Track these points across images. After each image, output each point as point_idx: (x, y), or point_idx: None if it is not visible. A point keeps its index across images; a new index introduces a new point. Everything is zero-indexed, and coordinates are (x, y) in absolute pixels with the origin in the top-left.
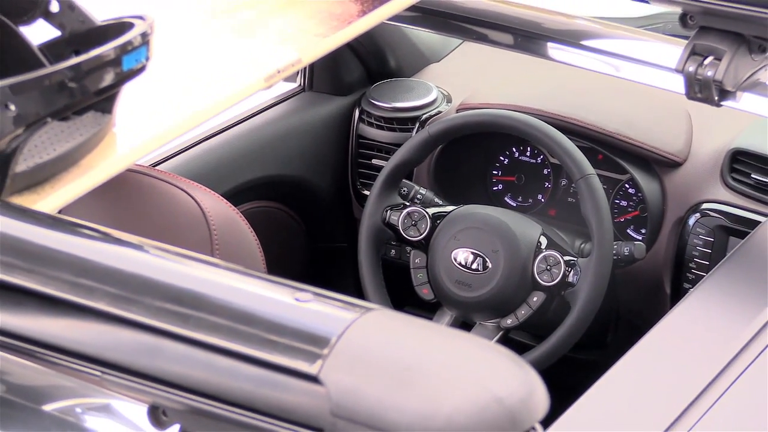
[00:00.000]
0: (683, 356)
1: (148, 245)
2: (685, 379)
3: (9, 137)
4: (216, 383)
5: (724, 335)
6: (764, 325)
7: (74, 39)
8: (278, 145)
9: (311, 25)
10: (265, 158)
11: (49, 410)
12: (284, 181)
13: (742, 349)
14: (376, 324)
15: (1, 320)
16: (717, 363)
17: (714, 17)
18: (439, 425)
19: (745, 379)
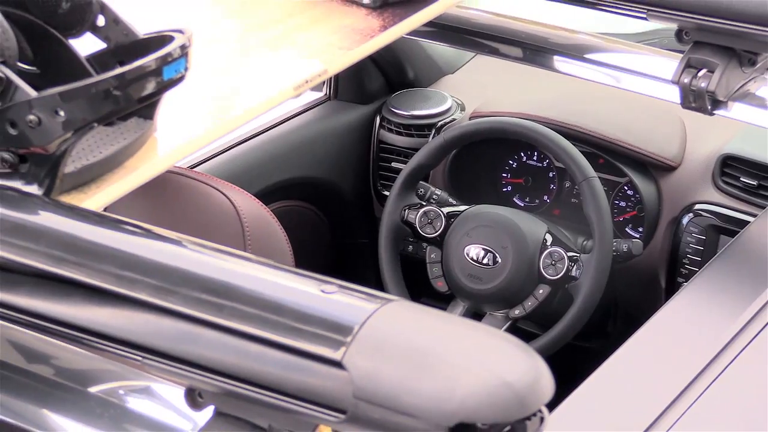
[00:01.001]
0: (678, 345)
1: (185, 240)
2: (680, 366)
3: (59, 140)
4: (247, 368)
5: (715, 326)
6: (753, 317)
7: (119, 51)
8: (306, 149)
9: (336, 39)
10: (293, 161)
11: (95, 392)
12: (311, 182)
13: (732, 338)
14: (395, 314)
15: (50, 309)
16: (709, 351)
17: (707, 33)
18: (453, 408)
19: (735, 366)
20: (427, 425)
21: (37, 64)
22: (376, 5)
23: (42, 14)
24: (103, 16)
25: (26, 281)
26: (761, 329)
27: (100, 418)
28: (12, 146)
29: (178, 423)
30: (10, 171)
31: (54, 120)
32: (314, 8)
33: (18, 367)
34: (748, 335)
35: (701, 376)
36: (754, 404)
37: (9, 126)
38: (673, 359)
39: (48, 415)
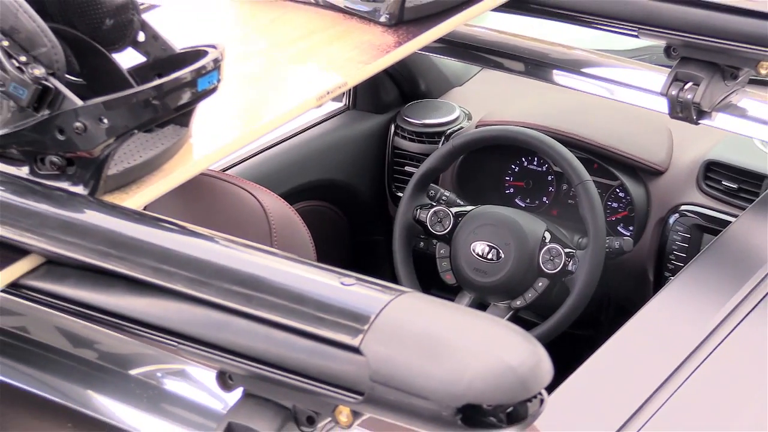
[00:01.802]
0: (665, 334)
1: (217, 237)
2: (667, 353)
3: (102, 145)
4: (273, 353)
5: (699, 317)
6: (734, 309)
7: (157, 64)
8: (327, 154)
9: (355, 54)
10: (315, 165)
11: (134, 374)
12: (331, 184)
13: (715, 328)
14: (408, 304)
15: (94, 299)
16: (694, 340)
17: (693, 49)
18: (462, 390)
19: (718, 352)
20: (437, 406)
21: (83, 76)
22: (391, 23)
23: (88, 30)
24: (143, 32)
25: (73, 274)
26: (741, 320)
27: (140, 398)
28: (60, 151)
29: (210, 403)
30: (59, 173)
31: (98, 127)
32: (335, 26)
33: (65, 352)
34: (730, 325)
35: (687, 362)
36: (735, 386)
37: (57, 132)
38: (661, 347)
39: (92, 395)
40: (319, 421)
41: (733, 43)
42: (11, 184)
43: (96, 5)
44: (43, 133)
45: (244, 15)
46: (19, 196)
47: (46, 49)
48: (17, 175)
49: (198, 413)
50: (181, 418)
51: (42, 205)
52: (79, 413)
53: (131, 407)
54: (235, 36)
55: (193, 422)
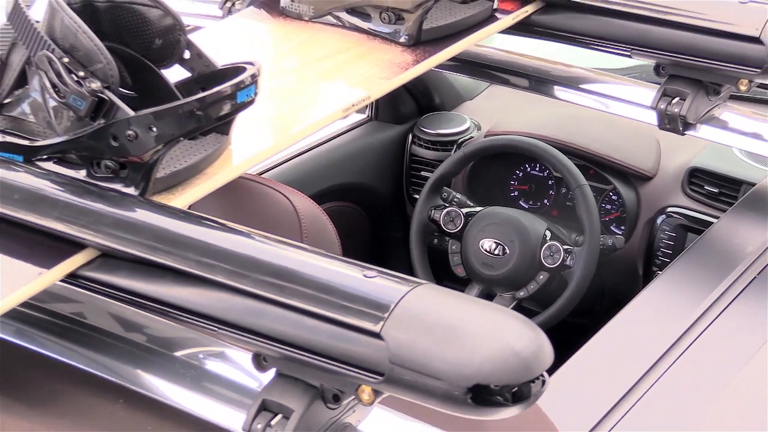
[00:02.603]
0: (653, 323)
1: (253, 233)
2: (655, 340)
3: (151, 151)
4: (303, 337)
5: (684, 308)
6: (715, 301)
7: (201, 79)
8: (351, 160)
9: (377, 71)
10: (341, 169)
11: (178, 355)
12: (355, 187)
13: (699, 317)
14: (424, 295)
15: (143, 289)
16: (679, 328)
17: (680, 68)
18: (472, 372)
19: (702, 339)
20: (450, 386)
21: (135, 89)
22: (410, 44)
23: (139, 49)
24: (188, 51)
25: (125, 266)
26: (722, 311)
27: (183, 377)
28: (114, 156)
29: (246, 382)
30: (112, 176)
31: (148, 135)
32: (359, 46)
33: (117, 335)
34: (711, 315)
35: (673, 348)
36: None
37: (112, 139)
38: (649, 334)
39: (141, 374)
40: (344, 399)
41: (716, 63)
42: (70, 186)
43: (147, 26)
44: (98, 140)
45: (278, 36)
46: (78, 196)
47: (102, 65)
48: (76, 177)
49: (235, 391)
50: (220, 395)
51: (97, 205)
52: (129, 390)
53: (176, 385)
54: (271, 55)
55: (231, 399)
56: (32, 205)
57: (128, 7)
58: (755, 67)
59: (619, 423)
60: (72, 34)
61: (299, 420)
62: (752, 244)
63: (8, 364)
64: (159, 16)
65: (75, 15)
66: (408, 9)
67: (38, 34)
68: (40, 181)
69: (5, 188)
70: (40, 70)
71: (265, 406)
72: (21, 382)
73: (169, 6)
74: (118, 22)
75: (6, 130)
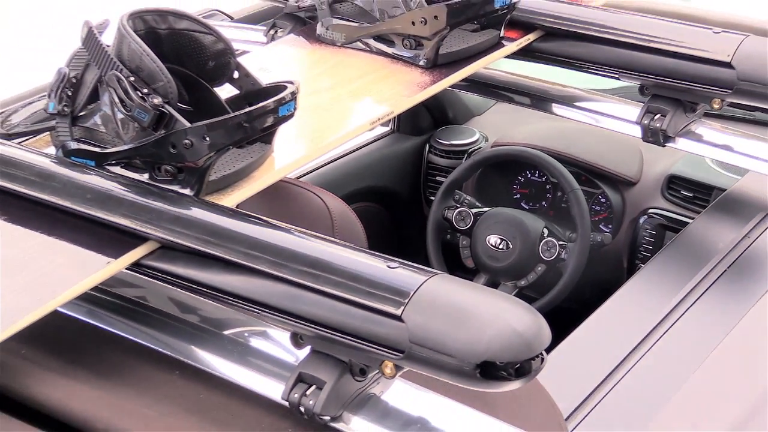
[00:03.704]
0: (636, 309)
1: (291, 229)
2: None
3: (205, 158)
4: (334, 319)
5: (663, 297)
6: (691, 290)
7: (248, 95)
8: (376, 166)
9: (400, 89)
10: (368, 174)
11: (226, 333)
12: (380, 189)
13: (676, 305)
14: (439, 283)
15: (197, 276)
16: (659, 314)
17: (661, 88)
18: (481, 350)
19: (678, 324)
20: (461, 363)
21: (191, 104)
22: (428, 66)
23: (195, 69)
24: (237, 71)
25: (181, 257)
26: (697, 298)
27: (231, 353)
28: (172, 161)
29: (285, 357)
30: (171, 178)
31: (202, 143)
32: (384, 68)
33: (174, 316)
34: (688, 302)
35: (654, 331)
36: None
37: (171, 147)
38: (633, 319)
39: (194, 350)
40: (369, 373)
41: (693, 85)
42: (135, 187)
43: (202, 50)
44: (159, 147)
45: (314, 59)
46: (141, 196)
47: (162, 84)
48: (139, 179)
49: (275, 365)
50: (262, 368)
51: (158, 203)
52: (184, 363)
53: (223, 359)
54: (308, 75)
55: (272, 372)
56: (102, 203)
57: (186, 34)
58: (727, 89)
59: (607, 395)
60: (137, 57)
61: (330, 390)
62: (723, 242)
63: (80, 339)
64: (212, 41)
65: (140, 40)
66: (427, 36)
67: (108, 57)
68: (109, 183)
69: (79, 188)
70: (110, 88)
71: (301, 378)
72: (91, 356)
73: (221, 33)
74: (177, 47)
75: (80, 139)
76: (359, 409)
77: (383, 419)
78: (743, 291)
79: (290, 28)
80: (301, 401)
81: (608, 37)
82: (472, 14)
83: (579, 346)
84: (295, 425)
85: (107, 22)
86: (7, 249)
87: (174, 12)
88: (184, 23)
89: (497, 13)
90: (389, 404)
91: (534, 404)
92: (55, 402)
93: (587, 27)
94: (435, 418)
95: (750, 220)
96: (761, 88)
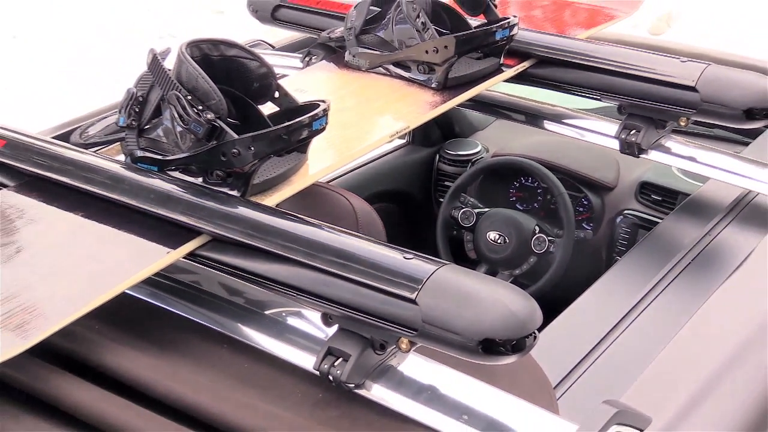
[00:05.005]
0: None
1: (322, 225)
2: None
3: (250, 164)
4: (359, 302)
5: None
6: (660, 279)
7: (286, 112)
8: (395, 172)
9: (415, 107)
10: (387, 179)
11: (267, 313)
12: (397, 192)
13: (648, 292)
14: (448, 272)
15: (242, 264)
16: (633, 299)
17: (636, 108)
18: (483, 329)
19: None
20: (466, 340)
21: (238, 119)
22: (439, 88)
23: (242, 90)
24: (278, 92)
25: (229, 248)
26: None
27: (271, 329)
28: (222, 167)
29: (316, 333)
30: (221, 182)
31: (247, 152)
32: (402, 89)
33: (222, 297)
34: (658, 289)
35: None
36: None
37: (221, 155)
38: (612, 303)
39: (240, 326)
40: (388, 347)
41: (663, 105)
42: (191, 189)
43: (248, 74)
44: (211, 156)
45: (342, 82)
46: (196, 196)
47: (215, 102)
48: (195, 182)
49: (308, 340)
50: (297, 343)
51: (210, 203)
52: (231, 338)
53: (264, 335)
54: (337, 95)
55: (305, 346)
56: (163, 203)
57: (235, 60)
58: (692, 109)
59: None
60: (194, 79)
61: (355, 362)
62: (687, 238)
63: (144, 317)
64: (257, 66)
65: (196, 65)
66: (438, 63)
67: (170, 79)
68: (169, 185)
69: (144, 190)
70: (171, 105)
71: (330, 351)
72: (153, 330)
73: (264, 59)
74: (227, 71)
75: (145, 148)
76: (379, 378)
77: (399, 387)
78: (704, 280)
79: (323, 55)
80: (330, 371)
81: (592, 65)
82: (476, 44)
83: (565, 326)
84: (325, 391)
85: (168, 49)
86: (84, 240)
87: (225, 41)
88: (233, 51)
89: (497, 44)
90: (404, 374)
91: (527, 375)
92: (124, 369)
93: (574, 56)
94: (443, 386)
95: (710, 220)
96: (721, 109)
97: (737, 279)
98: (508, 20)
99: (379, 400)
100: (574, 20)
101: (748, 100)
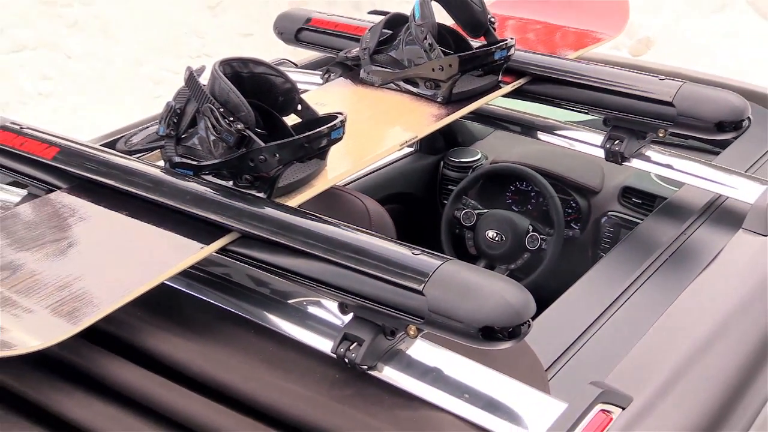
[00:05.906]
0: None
1: (339, 224)
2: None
3: (275, 169)
4: (371, 293)
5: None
6: (640, 274)
7: (308, 123)
8: (404, 177)
9: (422, 119)
10: (397, 183)
11: (290, 302)
12: (406, 195)
13: (629, 285)
14: (451, 266)
15: (268, 258)
16: (616, 291)
17: (620, 121)
18: (483, 317)
19: (631, 300)
20: (467, 327)
21: (265, 129)
22: (444, 102)
23: (269, 103)
24: (300, 105)
25: (257, 244)
26: (645, 280)
27: (293, 316)
28: (251, 172)
29: (333, 320)
30: (249, 185)
31: (273, 159)
32: (411, 103)
33: (250, 288)
34: (639, 283)
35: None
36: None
37: (249, 161)
38: (597, 295)
39: (265, 314)
40: (397, 334)
41: (643, 118)
42: (222, 191)
43: (274, 89)
44: (241, 162)
45: (358, 97)
46: (227, 197)
47: (244, 113)
48: (226, 185)
49: (326, 326)
50: (316, 328)
51: (239, 204)
52: (258, 324)
53: (288, 322)
54: (353, 108)
55: (324, 331)
56: (198, 203)
57: (262, 76)
58: (669, 122)
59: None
60: (225, 93)
61: (368, 346)
62: (665, 237)
63: (181, 305)
64: (282, 82)
65: (228, 81)
66: (443, 80)
67: (204, 93)
68: (203, 188)
69: (181, 192)
70: (205, 117)
71: (346, 337)
72: (188, 317)
73: (289, 76)
74: (256, 86)
75: (182, 155)
76: (389, 360)
77: (407, 369)
78: (680, 274)
79: (340, 73)
80: (346, 354)
81: (580, 82)
82: (478, 63)
83: (556, 315)
84: (341, 372)
85: (203, 67)
86: (128, 236)
87: (253, 60)
88: (261, 68)
89: (496, 63)
90: (412, 357)
91: (522, 359)
92: (163, 351)
93: (564, 74)
94: (446, 369)
95: (685, 221)
96: (695, 122)
97: (709, 273)
98: (506, 42)
99: (389, 381)
100: (563, 42)
101: (719, 114)
